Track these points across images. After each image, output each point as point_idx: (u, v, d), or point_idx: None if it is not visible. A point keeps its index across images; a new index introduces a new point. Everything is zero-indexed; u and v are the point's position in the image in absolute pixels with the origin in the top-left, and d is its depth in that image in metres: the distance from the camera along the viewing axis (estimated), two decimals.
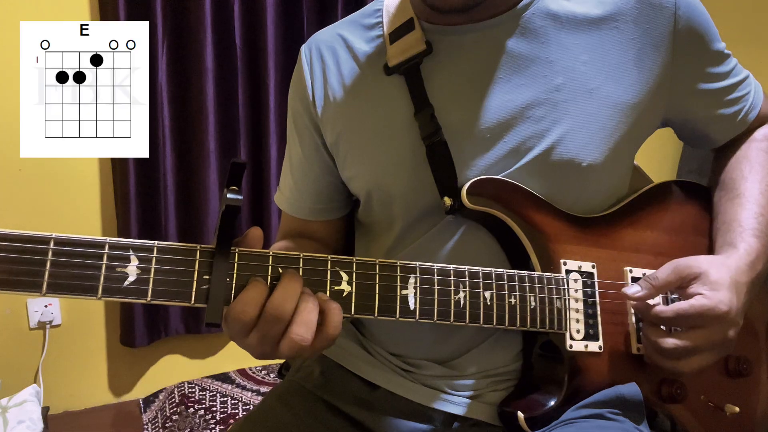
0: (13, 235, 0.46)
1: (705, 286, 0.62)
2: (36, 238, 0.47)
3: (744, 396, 0.74)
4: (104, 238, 0.49)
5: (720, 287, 0.61)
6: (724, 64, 0.73)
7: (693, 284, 0.63)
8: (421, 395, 0.72)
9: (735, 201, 0.73)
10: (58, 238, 0.48)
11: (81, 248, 0.48)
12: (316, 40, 0.79)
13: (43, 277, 0.47)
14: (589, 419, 0.64)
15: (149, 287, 0.50)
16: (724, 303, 0.60)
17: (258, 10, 1.86)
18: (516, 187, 0.66)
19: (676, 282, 0.64)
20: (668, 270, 0.64)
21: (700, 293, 0.61)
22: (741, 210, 0.71)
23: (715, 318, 0.60)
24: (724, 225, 0.72)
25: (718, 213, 0.74)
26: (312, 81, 0.77)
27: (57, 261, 0.47)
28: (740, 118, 0.76)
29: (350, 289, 0.57)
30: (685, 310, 0.60)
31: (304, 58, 0.78)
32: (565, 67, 0.67)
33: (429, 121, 0.67)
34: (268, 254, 0.54)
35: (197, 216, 1.88)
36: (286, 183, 0.85)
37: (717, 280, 0.62)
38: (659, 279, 0.64)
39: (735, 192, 0.74)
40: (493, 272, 0.62)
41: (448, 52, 0.69)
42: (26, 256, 0.47)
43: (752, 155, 0.76)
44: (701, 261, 0.64)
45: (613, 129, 0.67)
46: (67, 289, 0.48)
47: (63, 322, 1.83)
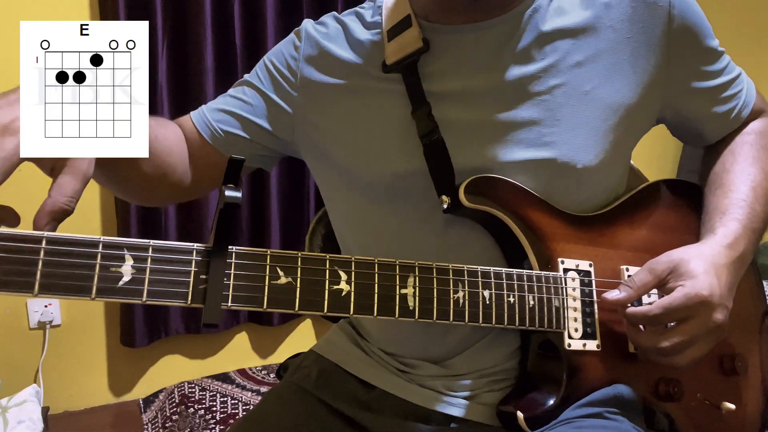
0: (4, 234, 0.45)
1: (682, 277, 0.62)
2: (28, 237, 0.46)
3: (739, 394, 0.74)
4: (98, 237, 0.48)
5: (696, 274, 0.61)
6: (718, 61, 0.73)
7: (669, 279, 0.63)
8: (418, 396, 0.72)
9: (717, 192, 0.73)
10: (51, 238, 0.46)
11: (74, 248, 0.47)
12: (322, 25, 0.77)
13: (35, 278, 0.46)
14: (587, 418, 0.64)
15: (144, 287, 0.49)
16: (704, 288, 0.60)
17: (258, 10, 1.86)
18: (514, 185, 0.66)
19: (653, 281, 0.64)
20: (643, 271, 0.64)
21: (680, 285, 0.61)
22: (722, 199, 0.71)
23: (700, 304, 0.60)
24: (706, 215, 0.72)
25: (704, 207, 0.75)
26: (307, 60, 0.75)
27: (49, 261, 0.46)
28: (734, 115, 0.76)
29: (349, 289, 0.56)
30: (669, 304, 0.60)
31: (312, 29, 0.77)
32: (561, 70, 0.67)
33: (426, 118, 0.67)
34: (266, 253, 0.54)
35: (197, 216, 1.88)
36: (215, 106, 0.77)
37: (692, 269, 0.62)
38: (636, 281, 0.64)
39: (717, 184, 0.74)
40: (492, 271, 0.62)
41: (446, 50, 0.69)
42: (17, 256, 0.45)
43: (736, 148, 0.76)
44: (673, 255, 0.64)
45: (608, 130, 0.67)
46: (60, 289, 0.47)
47: (63, 322, 1.84)
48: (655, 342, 0.61)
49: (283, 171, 2.00)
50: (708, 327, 0.61)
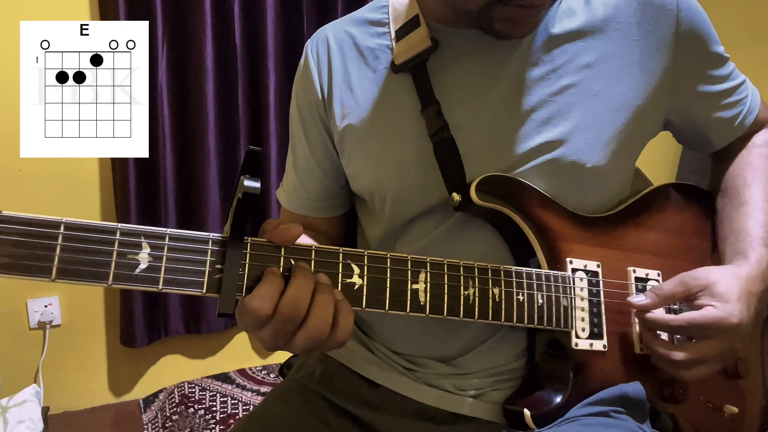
0: (22, 218, 0.45)
1: (714, 298, 0.62)
2: (46, 222, 0.46)
3: (742, 397, 0.75)
4: (116, 224, 0.48)
5: (730, 299, 0.61)
6: (723, 67, 0.74)
7: (700, 296, 0.63)
8: (425, 394, 0.72)
9: (741, 209, 0.72)
10: (69, 223, 0.47)
11: (92, 234, 0.47)
12: (322, 35, 0.78)
13: (53, 262, 0.46)
14: (593, 417, 0.64)
15: (161, 275, 0.49)
16: (734, 315, 0.60)
17: (258, 10, 1.86)
18: (524, 185, 0.66)
19: (682, 293, 0.64)
20: (675, 281, 0.65)
21: (711, 305, 0.61)
22: (748, 219, 0.71)
23: (726, 329, 0.60)
24: (732, 234, 0.72)
25: (724, 221, 0.74)
26: (319, 76, 0.76)
27: (67, 246, 0.46)
28: (738, 122, 0.76)
29: (361, 282, 0.56)
30: (697, 320, 0.61)
31: (310, 54, 0.78)
32: (570, 71, 0.67)
33: (436, 117, 0.67)
34: (281, 244, 0.54)
35: (197, 216, 1.88)
36: (290, 180, 0.85)
37: (725, 292, 0.62)
38: (665, 290, 0.64)
39: (740, 200, 0.73)
40: (502, 269, 0.63)
41: (454, 49, 0.69)
42: (36, 240, 0.46)
43: (754, 161, 0.76)
44: (709, 272, 0.64)
45: (616, 131, 0.68)
46: (77, 275, 0.47)
47: (63, 322, 1.83)
48: (669, 353, 0.62)
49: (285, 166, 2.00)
50: (725, 352, 0.61)
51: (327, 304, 0.52)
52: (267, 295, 0.51)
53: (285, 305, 0.51)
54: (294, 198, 0.84)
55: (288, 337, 0.52)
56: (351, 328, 0.54)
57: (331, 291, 0.53)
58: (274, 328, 0.52)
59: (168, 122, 1.80)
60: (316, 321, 0.51)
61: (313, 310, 0.52)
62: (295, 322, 0.52)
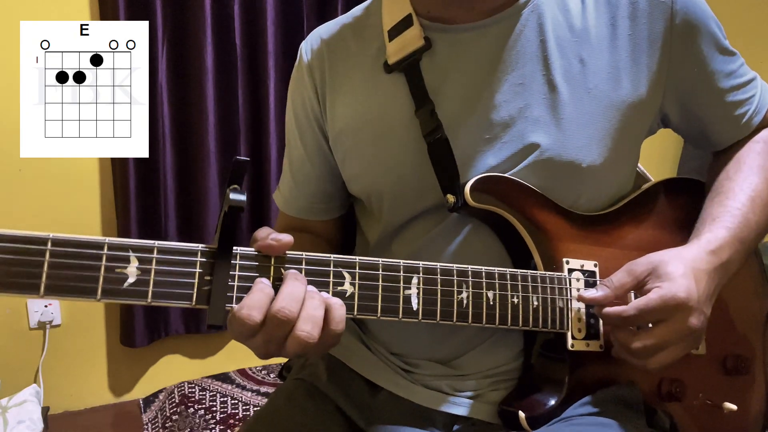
0: (9, 235, 0.45)
1: (659, 279, 0.61)
2: (33, 238, 0.46)
3: (742, 394, 0.74)
4: (103, 238, 0.48)
5: (674, 276, 0.60)
6: (728, 63, 0.71)
7: (648, 280, 0.62)
8: (423, 397, 0.72)
9: (715, 200, 0.71)
10: (56, 239, 0.46)
11: (79, 249, 0.47)
12: (316, 36, 0.78)
13: (41, 279, 0.46)
14: (585, 417, 0.64)
15: (149, 288, 0.49)
16: (681, 291, 0.59)
17: (258, 10, 1.86)
18: (519, 184, 0.66)
19: (630, 282, 0.63)
20: (622, 271, 0.64)
21: (656, 286, 0.60)
22: (718, 207, 0.70)
23: (675, 307, 0.59)
24: (700, 221, 0.70)
25: (700, 213, 0.73)
26: (313, 78, 0.76)
27: (55, 262, 0.46)
28: (744, 120, 0.74)
29: (353, 290, 0.56)
30: (645, 305, 0.59)
31: (304, 55, 0.78)
32: (563, 67, 0.67)
33: (429, 117, 0.67)
34: (270, 255, 0.54)
35: (197, 216, 1.88)
36: (286, 182, 0.85)
37: (671, 271, 0.61)
38: (613, 281, 0.63)
39: (717, 191, 0.72)
40: (496, 272, 0.62)
41: (447, 48, 0.69)
42: (23, 257, 0.45)
43: (742, 157, 0.74)
44: (652, 257, 0.63)
45: (611, 128, 0.67)
46: (66, 290, 0.47)
47: (63, 322, 1.83)
48: (627, 342, 0.60)
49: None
50: (682, 332, 0.60)
51: (317, 309, 0.52)
52: (256, 304, 0.51)
53: (275, 310, 0.51)
54: (291, 201, 0.84)
55: (280, 342, 0.53)
56: (342, 329, 0.54)
57: (320, 295, 0.54)
58: (265, 335, 0.52)
59: (168, 122, 1.80)
60: (306, 326, 0.51)
61: (304, 309, 0.52)
62: (286, 327, 0.52)
